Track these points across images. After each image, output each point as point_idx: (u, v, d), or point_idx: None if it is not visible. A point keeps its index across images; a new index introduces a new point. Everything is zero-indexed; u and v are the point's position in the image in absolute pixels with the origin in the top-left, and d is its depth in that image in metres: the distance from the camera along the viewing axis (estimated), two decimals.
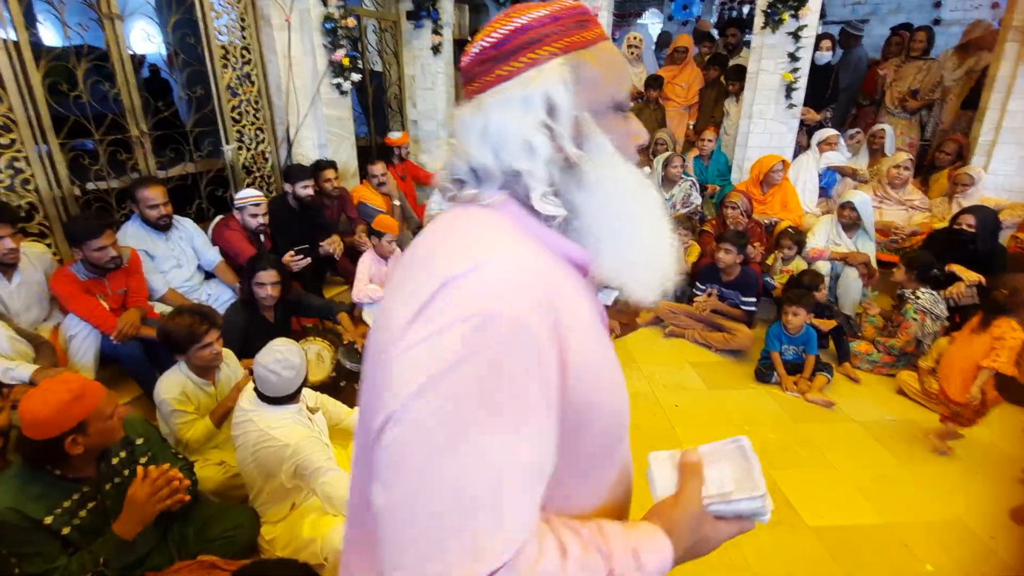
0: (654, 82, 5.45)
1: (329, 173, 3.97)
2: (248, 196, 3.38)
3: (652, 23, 9.75)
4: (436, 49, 5.50)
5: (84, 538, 1.62)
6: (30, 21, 2.74)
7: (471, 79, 0.72)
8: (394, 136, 5.10)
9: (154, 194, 2.89)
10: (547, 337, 0.58)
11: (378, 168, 4.40)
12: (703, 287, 3.92)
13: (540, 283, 0.60)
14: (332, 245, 3.74)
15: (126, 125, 3.17)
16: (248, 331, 2.76)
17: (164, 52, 3.84)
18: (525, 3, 0.71)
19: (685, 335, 3.87)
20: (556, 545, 0.58)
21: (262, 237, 3.45)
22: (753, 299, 3.73)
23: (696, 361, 3.64)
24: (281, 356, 1.94)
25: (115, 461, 1.73)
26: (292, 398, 2.01)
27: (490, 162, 0.68)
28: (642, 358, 3.65)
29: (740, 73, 5.12)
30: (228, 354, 2.52)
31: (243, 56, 3.89)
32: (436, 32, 5.45)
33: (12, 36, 2.61)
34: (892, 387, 3.32)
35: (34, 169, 2.75)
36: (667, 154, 4.77)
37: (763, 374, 3.39)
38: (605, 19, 5.13)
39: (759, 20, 4.61)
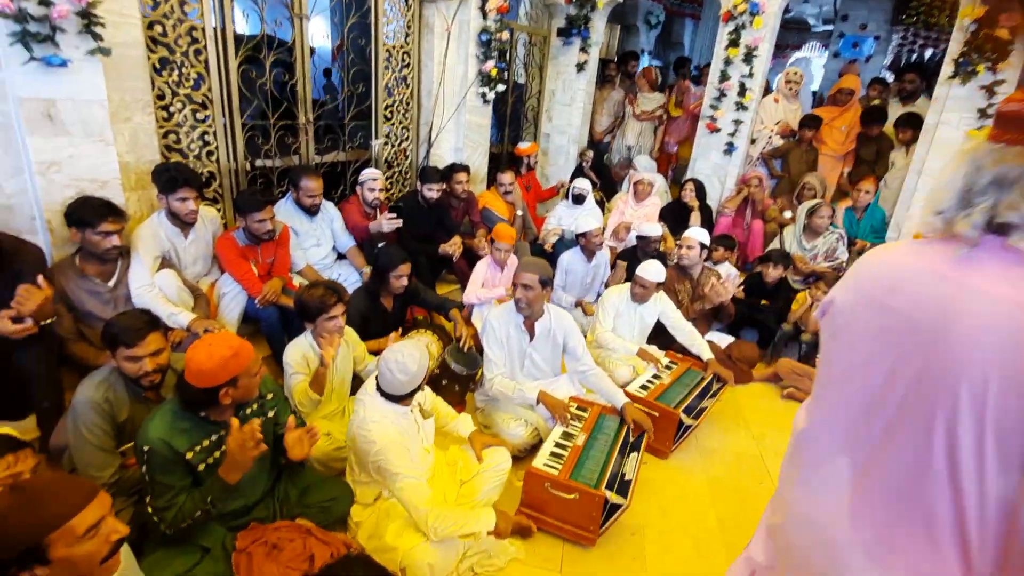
0: (811, 122, 5.05)
1: (461, 176, 4.12)
2: (369, 173, 3.64)
3: (815, 58, 9.10)
4: (580, 67, 5.54)
5: (211, 475, 1.79)
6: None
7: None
8: (523, 146, 5.20)
9: (314, 184, 3.21)
10: None
11: (507, 177, 4.49)
12: None
13: None
14: (452, 247, 3.87)
15: (296, 112, 3.52)
16: (367, 316, 2.93)
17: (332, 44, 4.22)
18: None
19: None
20: None
21: (378, 215, 3.66)
22: None
23: None
24: (401, 359, 2.00)
25: (248, 412, 1.91)
26: (402, 399, 2.08)
27: None
28: (753, 416, 3.36)
29: (913, 122, 4.59)
30: (350, 331, 2.68)
31: (403, 60, 4.17)
32: (583, 50, 5.48)
33: (218, 24, 2.99)
34: None
35: (219, 143, 3.13)
36: (815, 201, 4.39)
37: None
38: (765, 51, 4.84)
39: (948, 69, 4.10)
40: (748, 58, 4.83)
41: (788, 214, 4.84)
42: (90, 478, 1.83)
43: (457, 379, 2.90)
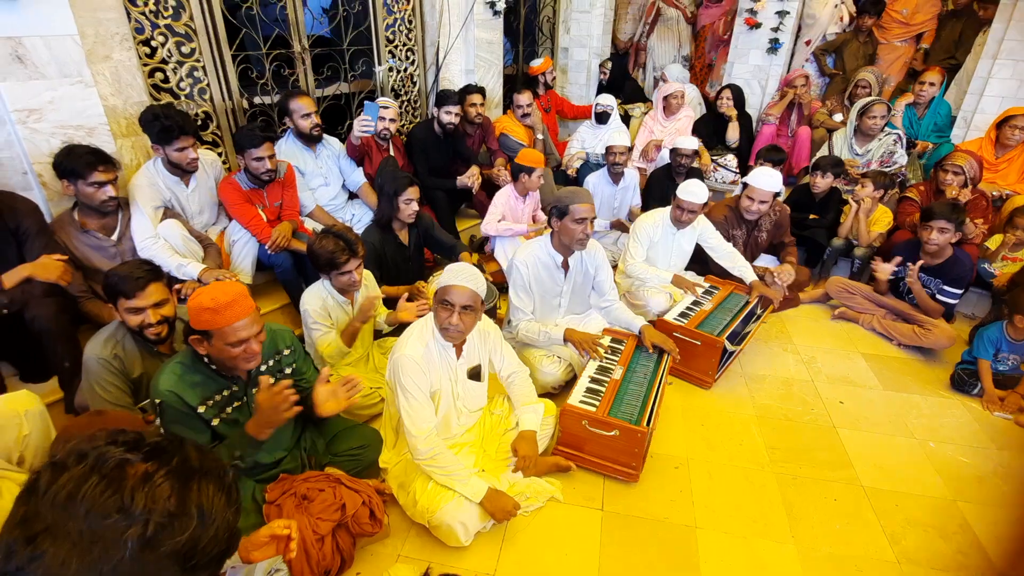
0: (872, 7, 4.41)
1: (476, 98, 3.79)
2: (381, 101, 3.32)
3: None
4: None
5: (230, 431, 1.72)
6: None
7: None
8: (536, 63, 4.77)
9: (304, 103, 2.95)
10: None
11: (524, 98, 4.14)
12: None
13: None
14: (471, 179, 3.62)
15: (290, 40, 3.23)
16: (383, 252, 2.77)
17: None
18: None
19: (859, 320, 3.26)
20: None
21: (391, 148, 3.43)
22: (959, 291, 2.98)
23: (871, 353, 3.05)
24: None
25: (264, 368, 1.80)
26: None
27: None
28: (801, 339, 3.14)
29: None
30: (367, 275, 2.54)
31: None
32: None
33: None
34: None
35: (210, 79, 2.90)
36: (867, 100, 3.90)
37: (962, 382, 2.75)
38: None
39: None
40: None
41: (838, 117, 4.37)
42: None
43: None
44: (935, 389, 2.78)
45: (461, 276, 1.85)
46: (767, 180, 3.04)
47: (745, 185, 3.14)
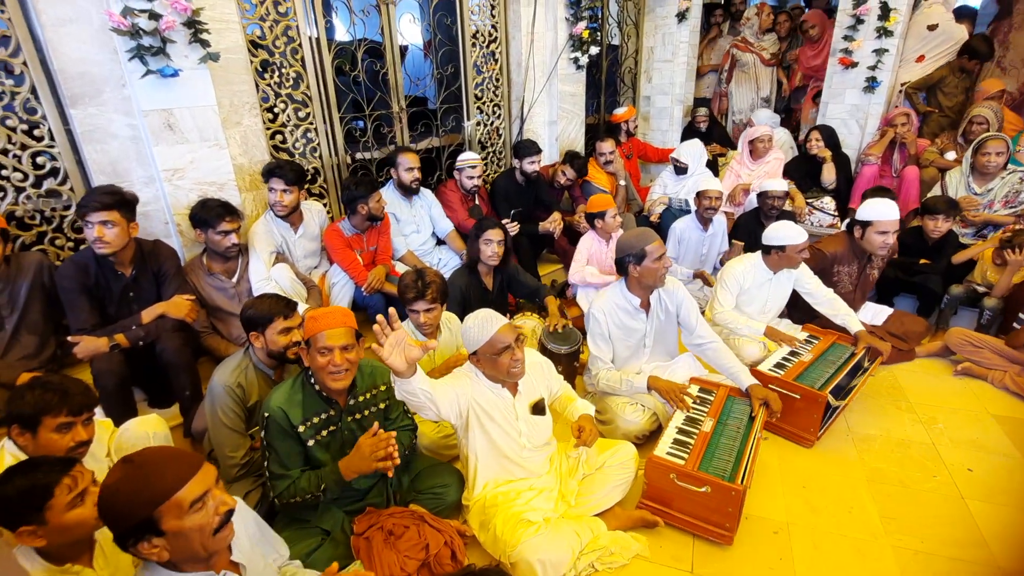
0: (982, 43, 4.13)
1: (567, 169, 3.97)
2: (467, 158, 3.55)
3: None
4: (682, 16, 5.04)
5: (322, 454, 1.82)
6: (326, 10, 3.18)
7: None
8: (619, 112, 4.85)
9: (410, 158, 3.25)
10: None
11: (607, 146, 4.21)
12: None
13: None
14: (552, 224, 3.69)
15: (389, 101, 3.53)
16: (468, 294, 2.87)
17: (423, 40, 4.19)
18: None
19: (988, 378, 2.89)
20: None
21: (476, 198, 3.63)
22: None
23: (1004, 415, 2.68)
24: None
25: (360, 399, 1.90)
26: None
27: None
28: (918, 397, 2.83)
29: None
30: (451, 317, 2.63)
31: (490, 35, 4.03)
32: None
33: (315, 33, 3.05)
34: None
35: (320, 138, 3.22)
36: (982, 136, 3.60)
37: None
38: None
39: None
40: None
41: (951, 155, 4.04)
42: (224, 458, 1.95)
43: (558, 360, 2.74)
44: None
45: (492, 320, 1.86)
46: (891, 209, 2.84)
47: (856, 222, 2.95)
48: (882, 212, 2.84)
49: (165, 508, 1.09)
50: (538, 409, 2.01)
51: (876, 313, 3.16)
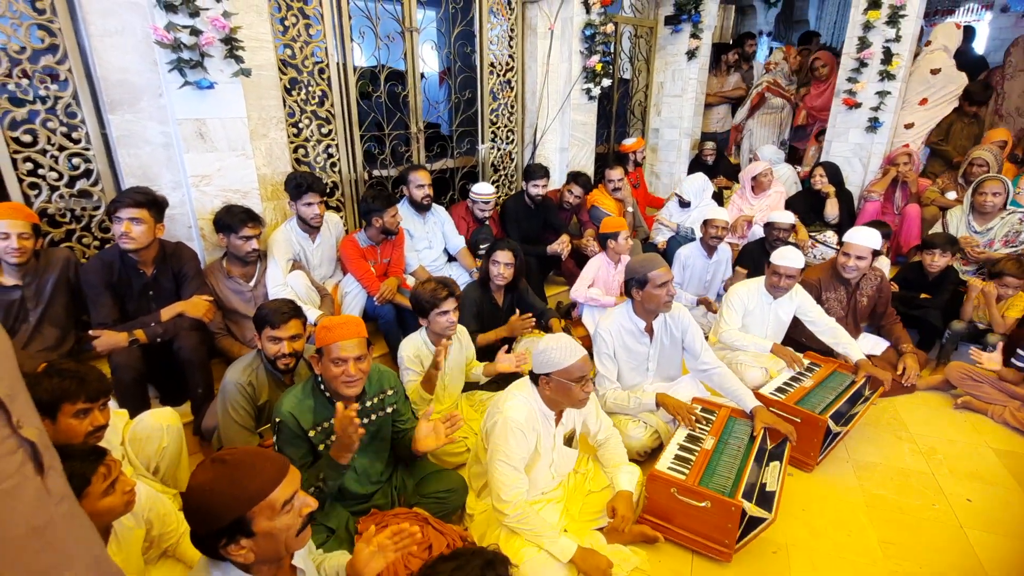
0: (982, 92, 4.29)
1: (575, 188, 4.06)
2: (483, 192, 3.64)
3: (974, 20, 7.86)
4: (691, 54, 5.23)
5: (325, 454, 1.84)
6: (353, 35, 3.34)
7: None
8: (628, 142, 4.99)
9: (421, 176, 3.35)
10: None
11: (616, 173, 4.33)
12: None
13: None
14: (561, 246, 3.78)
15: (408, 122, 3.67)
16: (481, 308, 2.94)
17: (440, 68, 4.37)
18: None
19: (988, 412, 2.92)
20: None
21: (487, 222, 3.74)
22: None
23: (1004, 448, 2.70)
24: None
25: (368, 404, 1.95)
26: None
27: None
28: (918, 428, 2.85)
29: None
30: (462, 330, 2.68)
31: (507, 64, 4.21)
32: (694, 36, 5.18)
33: (341, 59, 3.21)
34: None
35: (340, 155, 3.35)
36: (981, 177, 3.70)
37: None
38: (916, 7, 4.23)
39: None
40: (893, 19, 4.24)
41: (951, 195, 4.14)
42: None
43: None
44: None
45: (576, 347, 1.85)
46: (863, 235, 2.96)
47: (842, 245, 3.05)
48: (854, 236, 2.99)
49: (259, 508, 1.08)
50: (569, 441, 2.04)
51: (875, 344, 3.21)
